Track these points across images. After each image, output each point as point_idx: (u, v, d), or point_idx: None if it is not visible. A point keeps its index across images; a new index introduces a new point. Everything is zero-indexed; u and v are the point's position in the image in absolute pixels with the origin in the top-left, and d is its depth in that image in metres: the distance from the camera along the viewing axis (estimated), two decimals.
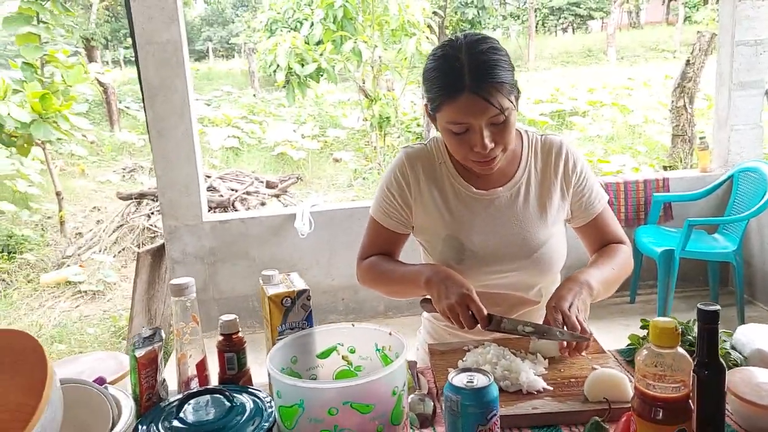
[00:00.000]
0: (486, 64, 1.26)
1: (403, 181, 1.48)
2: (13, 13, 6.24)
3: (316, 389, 0.96)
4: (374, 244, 1.54)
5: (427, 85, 1.34)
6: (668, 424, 0.86)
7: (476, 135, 1.29)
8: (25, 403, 0.90)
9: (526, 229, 1.44)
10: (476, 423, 0.95)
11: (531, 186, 1.46)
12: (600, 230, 1.53)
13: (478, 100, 1.25)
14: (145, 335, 1.13)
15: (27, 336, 0.97)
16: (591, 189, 1.50)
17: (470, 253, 1.43)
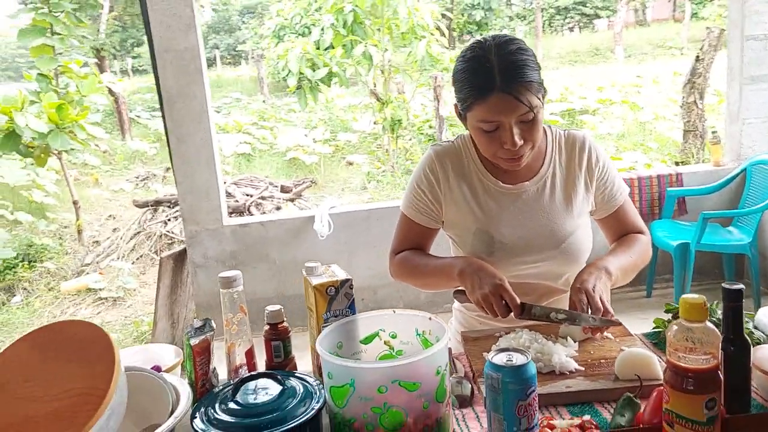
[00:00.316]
0: (515, 64, 1.32)
1: (433, 178, 1.54)
2: (28, 26, 6.35)
3: (367, 369, 1.03)
4: (406, 239, 1.60)
5: (457, 86, 1.40)
6: (699, 393, 0.91)
7: (506, 132, 1.35)
8: (95, 387, 0.96)
9: (553, 221, 1.50)
10: (516, 399, 1.00)
11: (556, 179, 1.52)
12: (621, 221, 1.59)
13: (508, 99, 1.31)
14: (197, 326, 1.20)
15: (93, 326, 1.03)
16: (613, 182, 1.56)
17: (500, 245, 1.48)
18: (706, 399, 0.92)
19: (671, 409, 0.94)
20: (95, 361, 0.98)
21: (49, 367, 1.01)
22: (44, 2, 6.19)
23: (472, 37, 20.49)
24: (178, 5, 3.64)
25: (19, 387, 1.00)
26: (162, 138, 10.97)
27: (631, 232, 1.60)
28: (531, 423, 1.02)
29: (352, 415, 1.02)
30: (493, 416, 1.03)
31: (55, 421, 0.95)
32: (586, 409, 1.16)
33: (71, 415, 0.95)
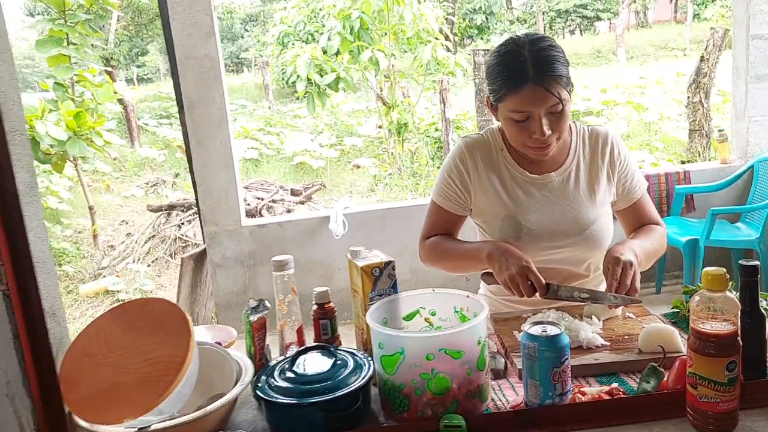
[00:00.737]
0: (547, 59, 1.44)
1: (463, 168, 1.65)
2: (45, 36, 6.48)
3: (417, 338, 1.14)
4: (435, 225, 1.70)
5: (491, 78, 1.51)
6: (720, 356, 1.01)
7: (536, 123, 1.46)
8: (174, 356, 1.07)
9: (577, 209, 1.61)
10: (551, 366, 1.11)
11: (580, 171, 1.63)
12: (638, 214, 1.70)
13: (539, 90, 1.42)
14: (252, 306, 1.30)
15: (168, 302, 1.14)
16: (633, 176, 1.68)
17: (527, 231, 1.59)
18: (727, 362, 1.02)
19: (695, 372, 1.04)
20: (173, 333, 1.09)
21: (131, 338, 1.11)
22: (60, 13, 6.32)
23: (473, 41, 20.64)
24: (198, 14, 3.76)
25: (104, 356, 1.10)
26: (170, 145, 11.12)
27: (648, 222, 1.71)
28: (565, 388, 1.13)
29: (402, 381, 1.12)
30: (530, 382, 1.13)
31: (140, 386, 1.06)
32: (613, 379, 1.26)
33: (154, 381, 1.06)
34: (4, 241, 1.05)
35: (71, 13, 6.29)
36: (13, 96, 1.12)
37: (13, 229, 1.06)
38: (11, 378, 1.09)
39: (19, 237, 1.07)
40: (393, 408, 1.15)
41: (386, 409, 1.18)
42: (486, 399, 1.18)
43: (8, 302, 1.07)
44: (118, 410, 1.06)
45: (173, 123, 12.80)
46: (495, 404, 1.20)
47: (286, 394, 1.13)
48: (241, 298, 4.14)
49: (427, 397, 1.11)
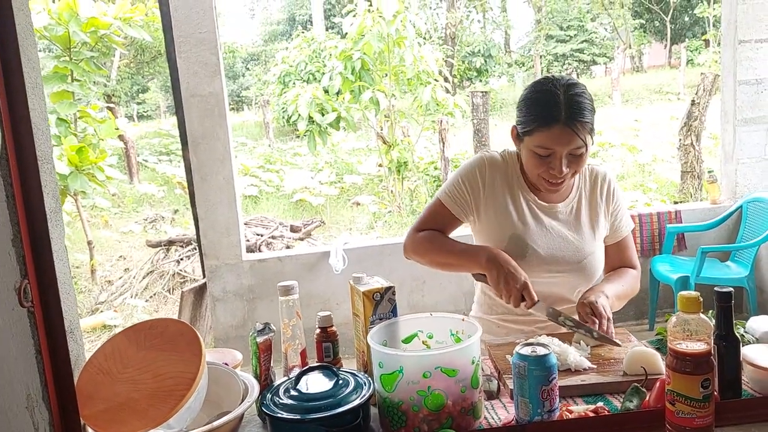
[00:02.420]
0: (579, 105, 1.55)
1: (479, 178, 1.73)
2: (50, 72, 6.63)
3: (415, 356, 1.21)
4: (432, 220, 1.77)
5: (523, 111, 1.62)
6: (695, 374, 1.09)
7: (557, 161, 1.57)
8: (187, 371, 1.14)
9: (579, 240, 1.72)
10: (540, 384, 1.18)
11: (582, 205, 1.75)
12: (620, 252, 1.82)
13: (568, 132, 1.53)
14: (259, 329, 1.38)
15: (180, 322, 1.22)
16: (623, 215, 1.80)
17: (533, 252, 1.69)
18: (702, 379, 1.09)
19: (673, 389, 1.11)
20: (184, 351, 1.17)
21: (144, 355, 1.19)
22: (65, 50, 6.48)
23: (472, 83, 20.99)
24: (205, 53, 3.89)
25: (119, 373, 1.18)
26: (170, 181, 11.23)
27: (627, 263, 1.83)
28: (553, 405, 1.20)
29: (400, 398, 1.19)
30: (520, 400, 1.21)
31: (152, 400, 1.13)
32: (599, 399, 1.33)
33: (165, 396, 1.13)
34: (31, 261, 1.13)
35: (76, 51, 6.44)
36: (43, 128, 1.21)
37: (41, 251, 1.13)
38: (32, 391, 1.15)
39: (45, 258, 1.15)
40: (391, 424, 1.22)
41: (384, 425, 1.25)
42: (479, 416, 1.25)
43: (32, 319, 1.14)
44: (131, 424, 1.12)
45: (173, 159, 12.94)
46: (488, 422, 1.27)
47: (289, 410, 1.20)
48: (240, 332, 4.19)
49: (424, 413, 1.18)
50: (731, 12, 4.07)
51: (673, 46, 28.15)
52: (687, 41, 25.92)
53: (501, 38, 27.75)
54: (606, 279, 1.77)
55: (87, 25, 5.98)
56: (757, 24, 4.02)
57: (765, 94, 4.12)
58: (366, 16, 7.18)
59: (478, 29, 25.44)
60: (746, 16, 4.00)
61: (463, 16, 22.23)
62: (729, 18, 4.11)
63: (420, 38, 7.96)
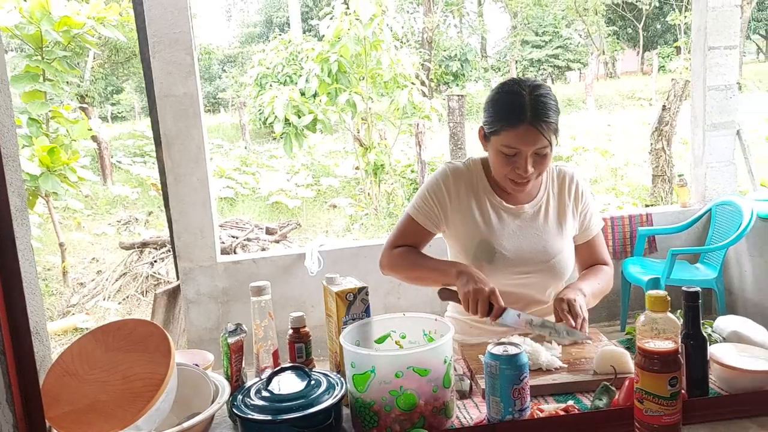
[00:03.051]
0: (544, 105, 1.58)
1: (445, 189, 1.76)
2: (21, 72, 6.52)
3: (387, 356, 1.21)
4: (404, 236, 1.80)
5: (490, 112, 1.64)
6: (663, 372, 1.10)
7: (522, 160, 1.59)
8: (155, 372, 1.13)
9: (545, 240, 1.73)
10: (511, 383, 1.19)
11: (550, 205, 1.77)
12: (592, 251, 1.85)
13: (533, 132, 1.56)
14: (230, 329, 1.36)
15: (149, 322, 1.20)
16: (592, 214, 1.82)
17: (500, 255, 1.70)
18: (669, 377, 1.10)
19: (641, 388, 1.13)
20: (153, 352, 1.15)
21: (112, 356, 1.17)
22: (37, 50, 6.38)
23: (449, 87, 21.10)
24: (179, 53, 3.86)
25: (87, 373, 1.16)
26: (144, 183, 11.11)
27: (599, 261, 1.85)
28: (524, 404, 1.20)
29: (372, 398, 1.19)
30: (491, 399, 1.21)
31: (120, 402, 1.11)
32: (569, 397, 1.34)
33: (134, 397, 1.11)
34: None
35: (48, 50, 6.35)
36: (8, 124, 1.19)
37: (5, 249, 1.11)
38: None
39: (9, 257, 1.13)
40: (363, 424, 1.21)
41: (356, 426, 1.24)
42: (451, 416, 1.25)
43: None
44: (98, 425, 1.11)
45: (147, 161, 12.81)
46: (460, 421, 1.27)
47: (261, 411, 1.19)
48: (214, 335, 4.15)
49: (396, 413, 1.18)
50: (701, 19, 4.14)
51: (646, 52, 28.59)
52: (659, 48, 26.37)
53: (477, 43, 27.97)
54: (582, 277, 1.79)
55: (59, 24, 5.90)
56: (726, 31, 4.10)
57: (734, 100, 4.20)
58: (343, 18, 7.18)
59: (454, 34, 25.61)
60: (716, 23, 4.08)
61: (440, 20, 22.34)
62: (699, 25, 4.18)
63: (397, 42, 7.97)
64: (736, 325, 1.50)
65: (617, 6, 25.68)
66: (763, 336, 1.46)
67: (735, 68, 4.20)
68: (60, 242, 6.88)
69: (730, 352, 1.35)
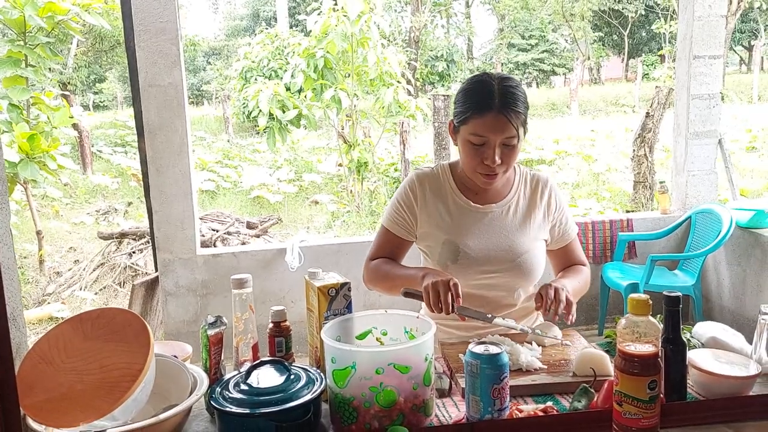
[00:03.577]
0: (513, 95, 1.60)
1: (412, 196, 1.79)
2: (3, 57, 6.42)
3: (368, 352, 1.21)
4: (382, 248, 1.82)
5: (459, 102, 1.66)
6: (643, 375, 1.11)
7: (490, 150, 1.60)
8: (133, 362, 1.11)
9: (511, 239, 1.75)
10: (491, 382, 1.19)
11: (519, 207, 1.78)
12: (568, 255, 1.87)
13: (501, 120, 1.57)
14: (210, 321, 1.35)
15: (128, 312, 1.19)
16: (567, 220, 1.84)
17: (464, 254, 1.72)
18: (649, 380, 1.11)
19: (620, 390, 1.13)
20: (132, 342, 1.14)
21: (90, 345, 1.15)
22: (20, 35, 6.29)
23: (434, 87, 21.13)
24: (165, 43, 3.82)
25: (62, 362, 1.14)
26: (124, 173, 11.00)
27: (576, 263, 1.88)
28: (503, 404, 1.20)
29: (352, 394, 1.19)
30: (471, 398, 1.21)
31: (97, 391, 1.10)
32: (548, 398, 1.34)
33: (111, 387, 1.10)
34: None
35: (31, 36, 6.26)
36: None
37: None
38: None
39: None
40: (342, 420, 1.21)
41: (335, 422, 1.24)
42: (430, 414, 1.25)
43: None
44: (74, 414, 1.09)
45: (128, 151, 12.69)
46: (439, 420, 1.27)
47: (239, 404, 1.18)
48: (192, 327, 4.12)
49: (375, 409, 1.18)
50: (687, 27, 4.18)
51: (630, 60, 28.87)
52: (643, 56, 26.62)
53: (464, 44, 28.04)
54: (562, 275, 1.80)
55: (44, 10, 5.82)
56: (711, 40, 4.14)
57: (716, 109, 4.24)
58: (331, 14, 7.16)
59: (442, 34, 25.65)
60: (702, 32, 4.12)
61: (428, 20, 22.34)
62: (685, 33, 4.22)
63: (384, 40, 7.97)
64: (715, 331, 1.51)
65: (603, 12, 25.89)
66: (741, 342, 1.48)
67: (719, 78, 4.24)
68: (37, 230, 6.79)
69: (708, 357, 1.36)
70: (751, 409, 1.26)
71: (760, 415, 1.25)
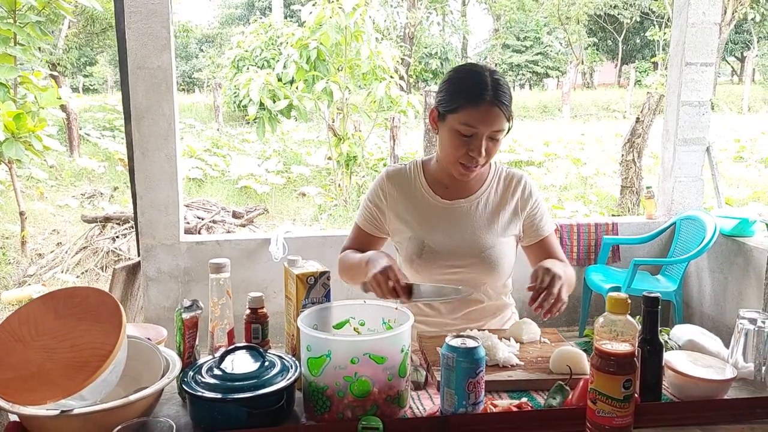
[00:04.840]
0: (503, 88, 1.60)
1: (382, 194, 1.80)
2: None
3: (344, 341, 1.19)
4: (352, 243, 1.85)
5: (449, 90, 1.63)
6: (618, 374, 1.10)
7: (478, 141, 1.59)
8: (104, 342, 1.09)
9: (477, 234, 1.74)
10: (467, 376, 1.18)
11: (488, 202, 1.78)
12: (546, 251, 1.81)
13: (495, 112, 1.57)
14: (186, 305, 1.33)
15: (101, 291, 1.17)
16: (542, 215, 1.82)
17: (428, 249, 1.73)
18: (624, 380, 1.11)
19: (595, 388, 1.13)
20: (104, 321, 1.12)
21: (61, 324, 1.13)
22: (10, 12, 6.21)
23: (427, 84, 21.11)
24: (155, 26, 3.78)
25: (33, 339, 1.12)
26: (111, 158, 10.91)
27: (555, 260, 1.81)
28: (478, 398, 1.20)
29: (326, 383, 1.17)
30: (446, 391, 1.20)
31: (67, 370, 1.08)
32: (523, 395, 1.34)
33: (81, 366, 1.08)
34: None
35: (21, 14, 6.19)
36: None
37: None
38: None
39: None
40: (315, 409, 1.20)
41: (308, 410, 1.22)
42: (404, 405, 1.24)
43: None
44: (41, 393, 1.07)
45: (116, 136, 12.59)
46: (413, 412, 1.26)
47: (211, 389, 1.17)
48: (172, 314, 4.05)
49: (349, 399, 1.17)
50: (681, 34, 4.19)
51: (623, 65, 28.98)
52: (637, 62, 26.75)
53: (459, 43, 28.04)
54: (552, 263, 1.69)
55: None
56: (703, 48, 4.15)
57: (706, 117, 4.26)
58: (326, 6, 7.12)
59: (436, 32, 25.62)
60: (695, 39, 4.13)
61: (423, 17, 22.32)
62: (678, 39, 4.23)
63: (378, 34, 7.94)
64: (693, 334, 1.51)
65: (599, 17, 25.97)
66: (718, 347, 1.48)
67: (709, 85, 4.26)
68: (21, 211, 6.73)
69: (684, 359, 1.36)
70: (725, 412, 1.26)
71: (733, 419, 1.25)
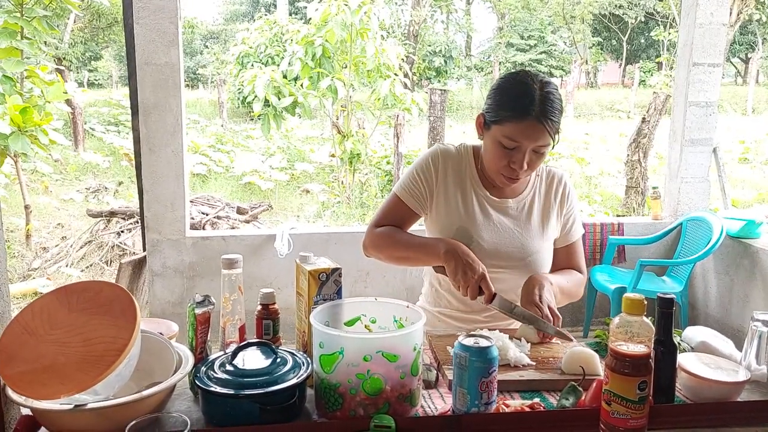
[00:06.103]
0: (552, 103, 1.54)
1: (433, 170, 1.73)
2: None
3: (357, 338, 1.19)
4: (389, 216, 1.76)
5: (496, 99, 1.59)
6: (633, 376, 1.10)
7: (520, 155, 1.56)
8: (119, 336, 1.09)
9: (525, 237, 1.72)
10: (480, 375, 1.17)
11: (534, 204, 1.75)
12: (569, 256, 1.83)
13: (539, 128, 1.53)
14: (198, 300, 1.33)
15: (116, 286, 1.17)
16: (575, 220, 1.81)
17: (477, 245, 1.68)
18: (639, 381, 1.10)
19: (610, 389, 1.12)
20: (118, 316, 1.11)
21: (75, 318, 1.13)
22: (17, 6, 6.21)
23: (430, 82, 21.08)
24: (164, 21, 3.78)
25: (47, 333, 1.12)
26: (116, 152, 10.91)
27: (574, 268, 1.84)
28: (490, 398, 1.19)
29: (338, 380, 1.17)
30: (458, 390, 1.20)
31: (80, 364, 1.08)
32: (535, 395, 1.33)
33: (95, 361, 1.07)
34: None
35: (28, 8, 6.19)
36: None
37: None
38: None
39: None
40: (327, 406, 1.19)
41: (320, 407, 1.22)
42: (416, 404, 1.24)
43: None
44: (55, 387, 1.07)
45: (121, 131, 12.59)
46: (424, 410, 1.26)
47: (223, 385, 1.16)
48: (177, 309, 4.09)
49: (361, 396, 1.16)
50: (688, 34, 4.18)
51: (628, 65, 28.91)
52: (641, 62, 26.68)
53: (463, 41, 27.99)
54: (553, 273, 1.77)
55: None
56: (711, 48, 4.14)
57: (713, 117, 4.24)
58: (331, 3, 7.12)
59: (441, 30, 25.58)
60: (702, 39, 4.12)
61: (428, 15, 22.28)
62: (685, 40, 4.21)
63: (383, 32, 7.93)
64: (705, 336, 1.51)
65: (604, 17, 25.90)
66: (730, 349, 1.48)
67: (717, 86, 4.25)
68: (26, 204, 6.74)
69: (697, 361, 1.36)
70: (739, 415, 1.25)
71: (746, 422, 1.24)
